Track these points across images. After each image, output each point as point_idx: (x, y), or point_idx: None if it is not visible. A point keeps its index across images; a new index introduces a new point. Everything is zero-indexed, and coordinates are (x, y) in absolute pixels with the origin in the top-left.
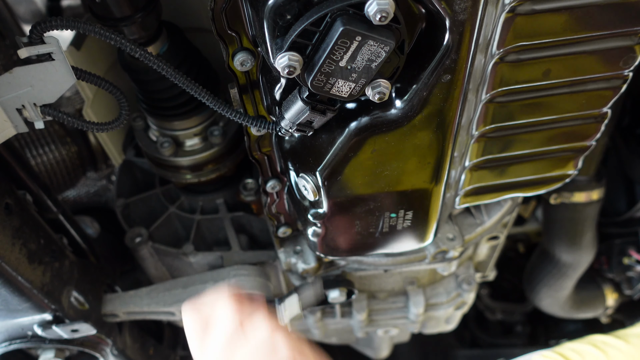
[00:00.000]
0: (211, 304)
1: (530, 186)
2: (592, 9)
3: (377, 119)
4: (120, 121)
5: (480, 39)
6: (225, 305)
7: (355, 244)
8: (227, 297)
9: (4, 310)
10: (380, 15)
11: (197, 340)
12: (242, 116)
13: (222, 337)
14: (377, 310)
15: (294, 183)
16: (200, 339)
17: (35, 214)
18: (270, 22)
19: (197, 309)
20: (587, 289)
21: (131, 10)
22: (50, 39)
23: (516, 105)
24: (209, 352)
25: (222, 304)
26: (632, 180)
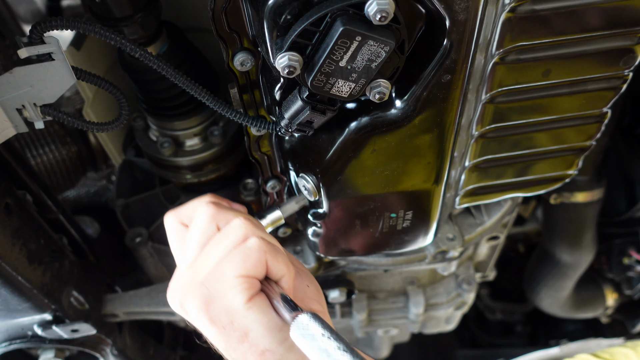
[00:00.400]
0: (191, 208)
1: (530, 186)
2: (592, 9)
3: (377, 119)
4: (120, 121)
5: (480, 39)
6: (203, 207)
7: (355, 244)
8: (206, 201)
9: (4, 310)
10: (380, 15)
11: (176, 243)
12: (242, 116)
13: (198, 236)
14: (377, 310)
15: (294, 183)
16: (179, 241)
17: (35, 214)
18: (270, 22)
19: (176, 213)
20: (587, 289)
21: (131, 10)
22: (50, 39)
23: (516, 105)
24: (187, 253)
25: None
26: (632, 180)
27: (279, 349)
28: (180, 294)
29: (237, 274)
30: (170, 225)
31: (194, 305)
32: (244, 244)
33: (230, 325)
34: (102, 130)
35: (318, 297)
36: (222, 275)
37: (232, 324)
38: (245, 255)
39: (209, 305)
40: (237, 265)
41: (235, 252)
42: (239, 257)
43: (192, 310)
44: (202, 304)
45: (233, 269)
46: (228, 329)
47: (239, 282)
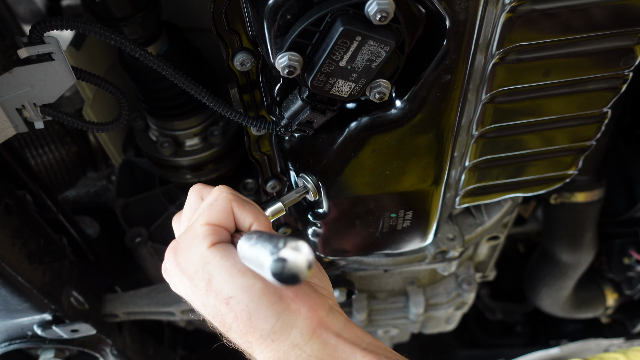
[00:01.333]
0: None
1: (531, 186)
2: (592, 9)
3: (377, 119)
4: (120, 121)
5: (480, 39)
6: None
7: (355, 244)
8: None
9: (3, 310)
10: (380, 15)
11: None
12: (242, 116)
13: (187, 212)
14: (377, 310)
15: (294, 183)
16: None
17: (35, 214)
18: (270, 22)
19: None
20: (587, 289)
21: (131, 10)
22: (50, 39)
23: (516, 105)
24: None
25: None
26: (632, 180)
27: (243, 296)
28: (166, 260)
29: (202, 223)
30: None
31: (168, 260)
32: (213, 198)
33: (195, 274)
34: (102, 130)
35: (330, 294)
36: (191, 228)
37: (197, 272)
38: (210, 205)
39: (177, 254)
40: (203, 216)
41: (205, 207)
42: (207, 209)
43: (168, 268)
44: (172, 257)
45: (200, 220)
46: (195, 279)
47: (204, 229)
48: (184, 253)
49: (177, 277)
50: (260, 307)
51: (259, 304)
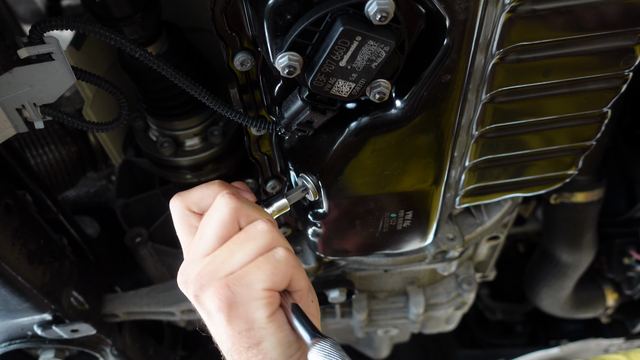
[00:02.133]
0: (199, 195)
1: (531, 186)
2: (592, 9)
3: (377, 119)
4: (120, 121)
5: (480, 38)
6: (224, 199)
7: (355, 244)
8: (226, 192)
9: (4, 310)
10: (380, 15)
11: (183, 228)
12: (241, 116)
13: (217, 227)
14: (377, 310)
15: (294, 183)
16: (186, 226)
17: (35, 214)
18: (270, 22)
19: (183, 199)
20: (587, 289)
21: (131, 10)
22: (50, 39)
23: (516, 105)
24: (202, 240)
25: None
26: (632, 180)
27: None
28: (197, 284)
29: (264, 287)
30: (176, 211)
31: (215, 303)
32: (273, 255)
33: (246, 332)
34: (102, 130)
35: (317, 314)
36: (249, 284)
37: (249, 331)
38: (274, 268)
39: (232, 309)
40: (266, 276)
41: (264, 262)
42: (268, 269)
43: (211, 307)
44: (225, 306)
45: (261, 279)
46: (243, 335)
47: (265, 295)
48: (238, 310)
49: (221, 323)
50: None
51: None
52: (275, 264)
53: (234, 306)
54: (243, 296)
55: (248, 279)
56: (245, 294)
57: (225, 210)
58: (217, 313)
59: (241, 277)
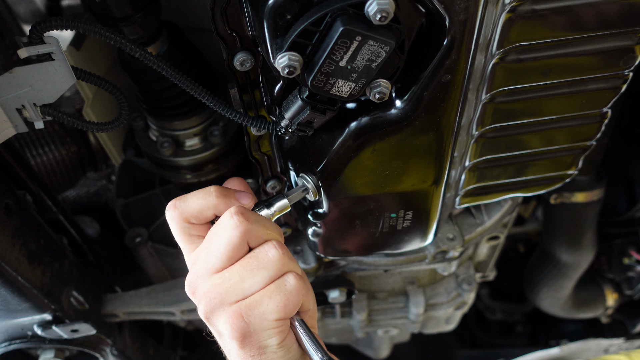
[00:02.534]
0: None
1: (531, 186)
2: (592, 9)
3: (377, 119)
4: (120, 121)
5: (480, 38)
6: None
7: (355, 244)
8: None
9: (4, 310)
10: (380, 15)
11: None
12: (241, 116)
13: (226, 248)
14: (377, 310)
15: (294, 183)
16: (188, 237)
17: (35, 214)
18: (270, 22)
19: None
20: (587, 289)
21: (131, 10)
22: (50, 38)
23: (516, 105)
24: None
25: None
26: (632, 180)
27: None
28: (208, 306)
29: (277, 317)
30: (174, 224)
31: (228, 331)
32: (284, 284)
33: (258, 356)
34: (102, 130)
35: (314, 313)
36: (262, 314)
37: (260, 355)
38: (286, 299)
39: (245, 338)
40: (278, 307)
41: (276, 292)
42: (280, 300)
43: (223, 331)
44: (238, 335)
45: (274, 310)
46: (255, 358)
47: (278, 324)
48: (251, 338)
49: (234, 347)
50: None
51: None
52: (286, 295)
53: (248, 335)
54: (256, 326)
55: (261, 309)
56: (259, 325)
57: (235, 234)
58: (230, 340)
59: (254, 306)
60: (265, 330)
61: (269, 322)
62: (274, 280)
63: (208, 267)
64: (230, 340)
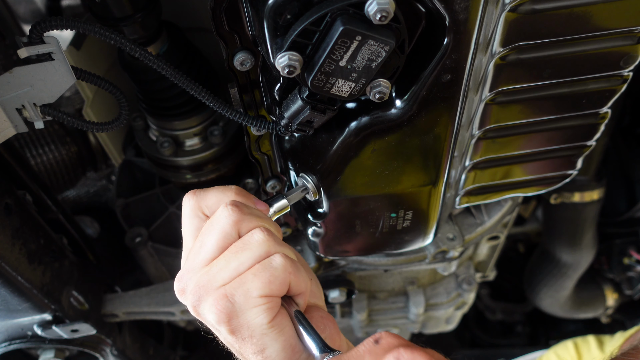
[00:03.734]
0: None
1: (531, 186)
2: (592, 9)
3: (377, 118)
4: (120, 121)
5: (480, 38)
6: (226, 210)
7: (355, 244)
8: (230, 201)
9: (4, 310)
10: (380, 14)
11: (190, 229)
12: (241, 116)
13: (218, 237)
14: (377, 310)
15: (294, 183)
16: (194, 229)
17: (35, 214)
18: (270, 22)
19: (198, 199)
20: (587, 289)
21: (131, 10)
22: (50, 38)
23: (516, 105)
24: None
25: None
26: (632, 180)
27: None
28: (195, 295)
29: (262, 293)
30: (187, 209)
31: (214, 314)
32: (269, 262)
33: (249, 339)
34: (102, 130)
35: (319, 294)
36: (247, 292)
37: (252, 338)
38: (271, 276)
39: (232, 318)
40: (262, 284)
41: (261, 269)
42: (265, 276)
43: (211, 318)
44: (224, 316)
45: (258, 287)
46: (247, 341)
47: (264, 301)
48: (238, 319)
49: (224, 332)
50: None
51: None
52: (271, 271)
53: (234, 316)
54: (242, 305)
55: (245, 287)
56: (244, 303)
57: (227, 222)
58: (219, 325)
59: (238, 285)
60: (252, 309)
61: (254, 299)
62: (260, 261)
63: (199, 260)
64: (219, 325)
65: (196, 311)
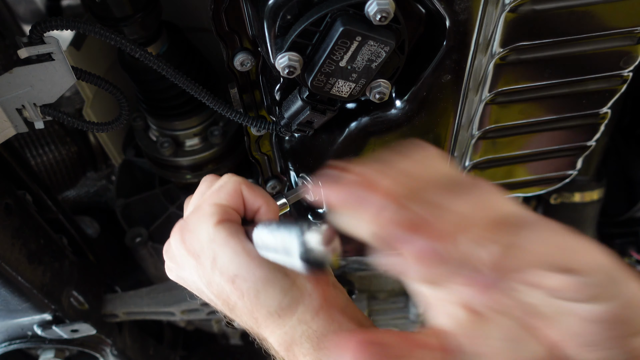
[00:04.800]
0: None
1: (530, 186)
2: (593, 9)
3: (377, 119)
4: (120, 121)
5: (480, 38)
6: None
7: (355, 244)
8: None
9: (3, 310)
10: (380, 15)
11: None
12: (242, 116)
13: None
14: (377, 310)
15: (294, 183)
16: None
17: (35, 214)
18: (270, 22)
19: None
20: None
21: (131, 10)
22: (50, 39)
23: (516, 105)
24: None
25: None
26: (633, 180)
27: (249, 274)
28: (168, 242)
29: (210, 203)
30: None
31: (173, 239)
32: (224, 183)
33: (201, 251)
34: (102, 130)
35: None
36: (199, 208)
37: (203, 249)
38: (220, 188)
39: (184, 233)
40: (212, 197)
41: (214, 189)
42: (216, 191)
43: (173, 246)
44: (179, 235)
45: (208, 200)
46: (201, 256)
47: (212, 208)
48: (190, 231)
49: (183, 256)
50: (267, 285)
51: (265, 282)
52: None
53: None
54: (193, 219)
55: (199, 206)
56: (196, 217)
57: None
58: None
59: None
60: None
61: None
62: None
63: None
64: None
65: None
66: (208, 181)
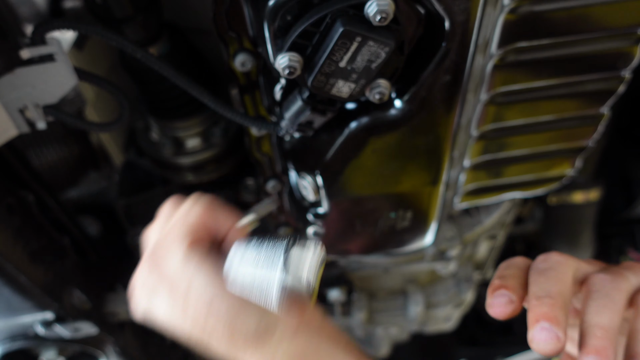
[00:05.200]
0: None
1: (529, 186)
2: (591, 10)
3: (377, 119)
4: (121, 122)
5: (479, 39)
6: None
7: (355, 244)
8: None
9: (5, 309)
10: (380, 16)
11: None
12: (242, 117)
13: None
14: (377, 309)
15: (294, 183)
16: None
17: (37, 213)
18: (270, 23)
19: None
20: None
21: (132, 11)
22: (52, 40)
23: (515, 105)
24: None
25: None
26: (630, 180)
27: (227, 297)
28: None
29: (181, 225)
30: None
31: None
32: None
33: (175, 276)
34: (104, 130)
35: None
36: (167, 233)
37: (177, 273)
38: (189, 209)
39: (155, 260)
40: (182, 219)
41: (182, 212)
42: (185, 212)
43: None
44: (148, 263)
45: (178, 224)
46: (175, 281)
47: (182, 230)
48: (161, 257)
49: (155, 283)
50: (245, 305)
51: (243, 303)
52: (189, 207)
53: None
54: (162, 244)
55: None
56: (165, 243)
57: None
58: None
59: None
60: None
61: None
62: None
63: None
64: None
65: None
66: (172, 203)
